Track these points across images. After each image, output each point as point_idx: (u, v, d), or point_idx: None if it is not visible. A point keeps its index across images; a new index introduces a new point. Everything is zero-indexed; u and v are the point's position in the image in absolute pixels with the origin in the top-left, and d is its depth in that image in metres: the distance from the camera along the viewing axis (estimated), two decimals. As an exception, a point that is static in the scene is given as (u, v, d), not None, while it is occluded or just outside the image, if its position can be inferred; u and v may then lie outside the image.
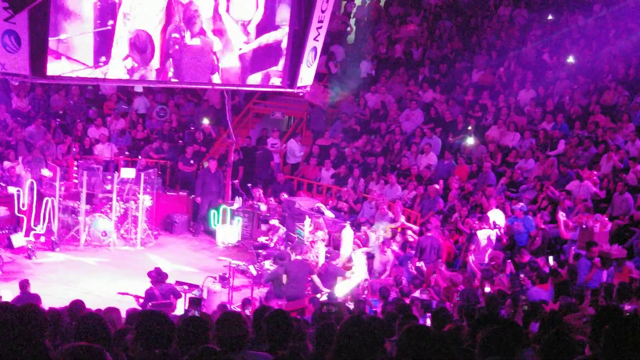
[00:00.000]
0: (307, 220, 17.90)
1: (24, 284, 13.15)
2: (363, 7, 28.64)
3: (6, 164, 20.31)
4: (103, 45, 15.82)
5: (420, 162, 20.94)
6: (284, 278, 15.29)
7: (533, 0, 26.42)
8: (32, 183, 19.28)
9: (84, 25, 15.38)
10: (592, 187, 17.51)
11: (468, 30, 26.16)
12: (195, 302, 11.30)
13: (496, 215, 17.08)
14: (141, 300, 14.38)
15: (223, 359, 4.59)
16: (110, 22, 15.67)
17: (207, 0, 16.78)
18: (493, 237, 16.52)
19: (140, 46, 16.32)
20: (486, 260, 16.14)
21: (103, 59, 15.89)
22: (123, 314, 9.56)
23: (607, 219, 15.84)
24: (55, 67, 15.31)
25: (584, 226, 15.52)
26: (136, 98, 24.77)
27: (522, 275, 13.99)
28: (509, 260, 15.29)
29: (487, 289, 13.60)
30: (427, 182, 19.77)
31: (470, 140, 21.25)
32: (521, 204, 17.40)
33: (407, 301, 12.78)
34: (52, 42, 14.92)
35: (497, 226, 16.76)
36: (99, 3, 15.45)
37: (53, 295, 15.21)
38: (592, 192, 17.40)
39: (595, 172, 17.98)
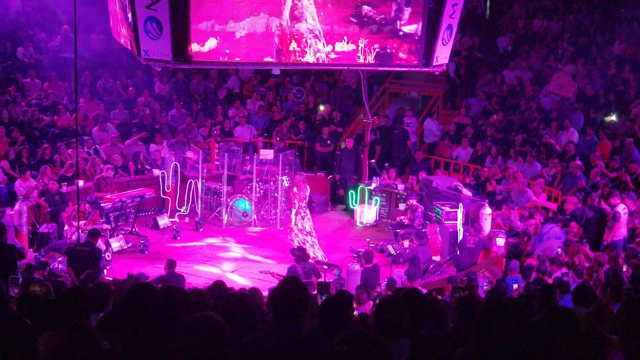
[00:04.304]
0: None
1: (171, 264, 13.52)
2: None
3: (152, 147, 21.07)
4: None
5: (561, 139, 20.43)
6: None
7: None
8: (175, 166, 19.96)
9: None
10: None
11: (609, 1, 25.22)
12: (324, 287, 11.34)
13: None
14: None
15: (377, 345, 4.47)
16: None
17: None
18: (625, 212, 16.02)
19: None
20: (624, 234, 15.69)
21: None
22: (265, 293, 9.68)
23: None
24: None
25: None
26: (232, 77, 25.24)
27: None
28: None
29: (624, 268, 13.20)
30: (569, 159, 19.27)
31: (613, 116, 20.55)
32: None
33: (549, 281, 12.56)
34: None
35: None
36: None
37: (197, 274, 15.73)
38: None
39: None
